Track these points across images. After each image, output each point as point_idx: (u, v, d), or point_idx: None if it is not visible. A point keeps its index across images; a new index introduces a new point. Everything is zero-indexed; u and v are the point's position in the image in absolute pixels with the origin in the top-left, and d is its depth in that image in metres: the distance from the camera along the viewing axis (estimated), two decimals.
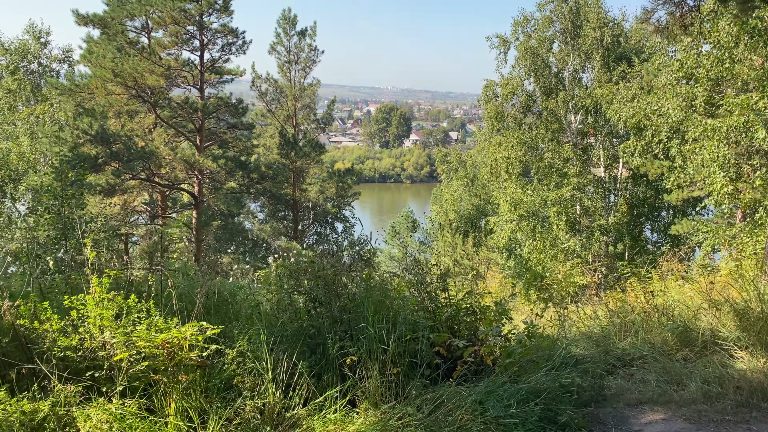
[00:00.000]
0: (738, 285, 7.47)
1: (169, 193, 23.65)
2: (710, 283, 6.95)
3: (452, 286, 8.44)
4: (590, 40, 26.63)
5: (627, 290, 12.97)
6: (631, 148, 18.26)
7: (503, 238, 27.59)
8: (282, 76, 27.18)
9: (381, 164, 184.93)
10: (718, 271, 10.37)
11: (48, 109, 25.19)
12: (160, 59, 18.63)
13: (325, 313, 5.23)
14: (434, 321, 5.95)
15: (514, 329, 6.69)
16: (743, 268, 9.84)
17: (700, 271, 12.12)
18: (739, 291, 7.19)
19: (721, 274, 9.73)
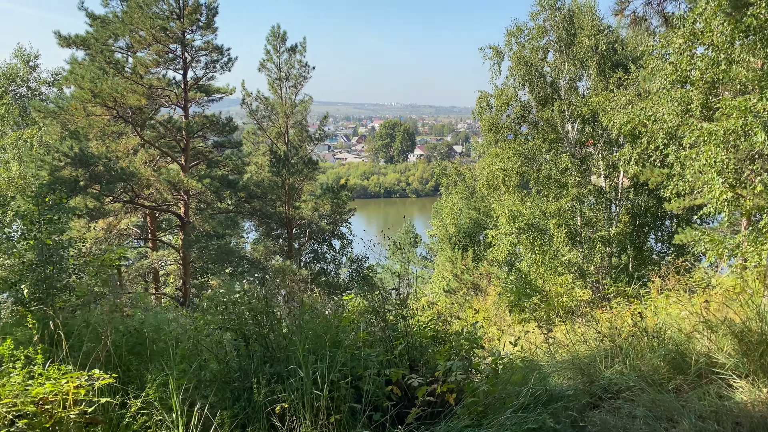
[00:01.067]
0: (736, 303, 6.80)
1: (159, 215, 23.12)
2: (705, 301, 6.28)
3: (423, 310, 7.76)
4: (585, 47, 26.10)
5: (616, 309, 12.28)
6: (627, 155, 17.61)
7: (502, 252, 26.89)
8: (273, 93, 26.78)
9: (386, 179, 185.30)
10: (716, 287, 9.68)
11: (36, 133, 24.81)
12: (142, 78, 18.19)
13: (254, 352, 4.59)
14: (391, 355, 5.30)
15: (496, 355, 5.99)
16: (745, 283, 9.14)
17: (698, 285, 11.42)
18: (737, 310, 6.52)
19: (718, 290, 9.05)
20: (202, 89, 21.70)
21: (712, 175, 11.19)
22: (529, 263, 24.21)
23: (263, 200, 22.07)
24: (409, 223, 48.58)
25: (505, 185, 27.20)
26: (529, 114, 27.52)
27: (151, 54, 18.90)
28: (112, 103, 17.25)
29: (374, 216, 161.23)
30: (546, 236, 26.40)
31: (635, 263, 29.04)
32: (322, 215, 29.48)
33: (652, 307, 7.97)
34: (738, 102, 11.73)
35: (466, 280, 31.29)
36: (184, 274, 20.30)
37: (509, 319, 13.81)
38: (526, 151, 26.84)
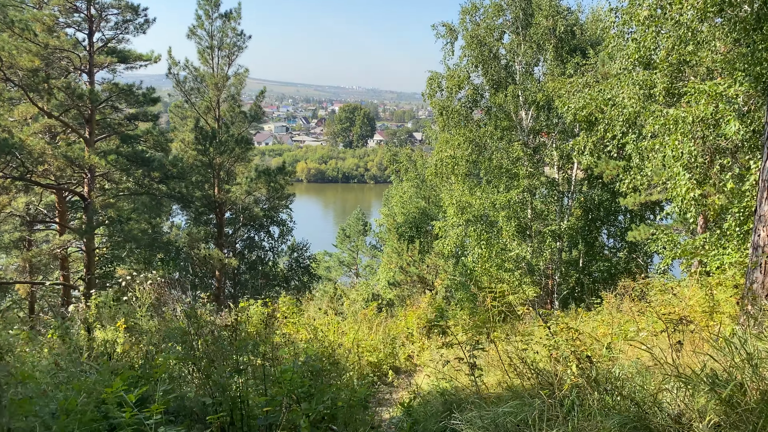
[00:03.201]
0: (711, 338, 5.08)
1: (67, 195, 20.52)
2: (677, 343, 4.51)
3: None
4: (542, 29, 24.42)
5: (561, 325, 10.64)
6: (581, 144, 15.96)
7: (449, 245, 25.22)
8: (203, 63, 24.27)
9: (344, 164, 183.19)
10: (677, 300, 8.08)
11: None
12: (36, 36, 15.62)
13: None
14: None
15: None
16: (711, 296, 7.51)
17: (659, 298, 9.82)
18: (715, 347, 4.81)
19: (680, 305, 7.42)
20: (115, 54, 19.12)
21: (678, 170, 9.53)
22: (475, 257, 22.57)
23: (184, 181, 19.71)
24: (359, 210, 46.60)
25: (455, 174, 25.46)
26: (481, 98, 25.79)
27: (51, 8, 16.30)
28: None
29: (331, 201, 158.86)
30: (494, 229, 24.83)
31: (586, 259, 27.84)
32: (259, 200, 27.24)
33: (603, 334, 6.23)
34: (708, 86, 10.10)
35: (412, 273, 29.57)
36: (87, 263, 17.90)
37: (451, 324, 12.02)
38: (477, 138, 25.13)
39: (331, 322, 10.03)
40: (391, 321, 12.43)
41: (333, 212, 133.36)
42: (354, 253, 45.23)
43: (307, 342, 8.80)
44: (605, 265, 27.58)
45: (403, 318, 12.66)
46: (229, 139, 23.35)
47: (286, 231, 30.20)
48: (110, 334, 7.18)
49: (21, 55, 15.64)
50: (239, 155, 24.29)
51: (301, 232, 45.59)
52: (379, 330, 10.76)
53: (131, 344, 6.74)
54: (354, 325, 10.99)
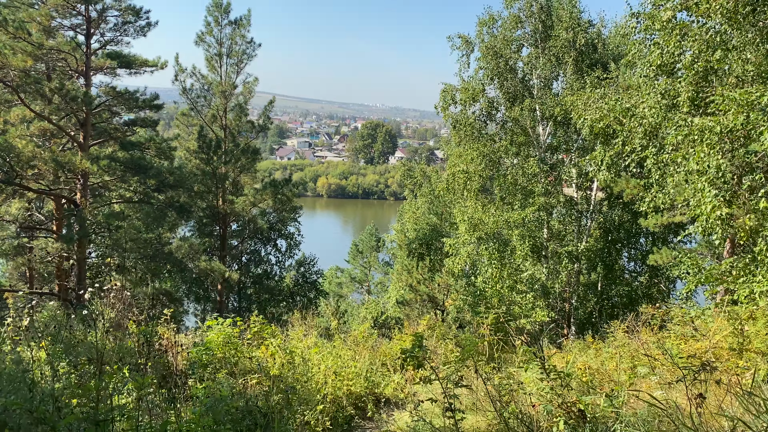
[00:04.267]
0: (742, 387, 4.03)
1: (64, 202, 19.90)
2: (698, 396, 3.49)
3: None
4: (562, 42, 23.43)
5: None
6: (598, 159, 14.84)
7: (459, 263, 24.13)
8: (211, 70, 23.69)
9: (365, 180, 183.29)
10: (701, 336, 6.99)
11: None
12: (30, 35, 15.07)
13: None
14: None
15: None
16: (746, 338, 6.40)
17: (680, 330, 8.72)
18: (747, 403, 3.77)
19: (706, 343, 6.33)
20: (119, 58, 18.55)
21: (703, 185, 8.44)
22: (486, 277, 21.45)
23: (182, 190, 18.98)
24: (372, 225, 45.69)
25: (467, 189, 24.43)
26: (497, 112, 24.79)
27: (47, 9, 15.78)
28: None
29: (350, 217, 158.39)
30: (508, 248, 23.68)
31: (605, 282, 26.52)
32: (265, 212, 26.47)
33: (610, 372, 5.20)
34: (738, 94, 9.01)
35: (421, 292, 28.47)
36: (78, 272, 17.19)
37: (441, 353, 10.96)
38: (492, 153, 24.11)
39: (309, 345, 9.07)
40: (386, 343, 11.41)
41: (352, 227, 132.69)
42: (366, 269, 44.24)
43: (281, 366, 7.85)
44: (625, 289, 26.25)
45: (398, 341, 11.64)
46: (234, 148, 22.64)
47: (294, 245, 29.38)
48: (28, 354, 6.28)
49: (15, 55, 15.09)
50: (245, 166, 23.58)
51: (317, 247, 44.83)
52: (366, 354, 9.76)
53: None
54: (343, 348, 10.02)
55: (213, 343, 7.46)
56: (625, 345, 10.92)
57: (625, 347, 10.53)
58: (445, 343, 11.31)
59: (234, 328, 7.98)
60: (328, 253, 59.86)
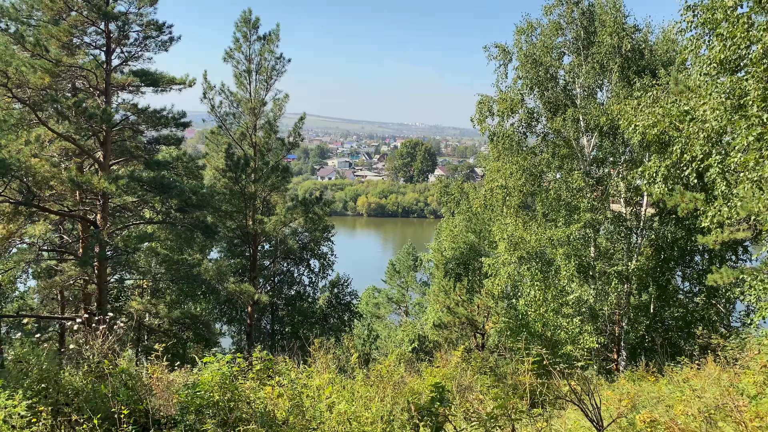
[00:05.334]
0: None
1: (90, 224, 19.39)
2: None
3: None
4: (606, 48, 22.04)
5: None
6: (652, 170, 13.36)
7: (498, 284, 22.73)
8: (239, 87, 23.11)
9: (404, 199, 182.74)
10: None
11: None
12: (48, 52, 14.62)
13: None
14: None
15: None
16: None
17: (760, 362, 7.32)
18: None
19: None
20: (143, 75, 18.04)
21: None
22: (528, 300, 20.00)
23: (207, 210, 18.25)
24: (409, 244, 44.49)
25: (506, 205, 23.11)
26: (537, 123, 23.46)
27: (66, 25, 15.35)
28: (2, 78, 13.70)
29: (390, 236, 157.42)
30: (551, 268, 22.17)
31: (658, 304, 24.68)
32: (296, 232, 25.63)
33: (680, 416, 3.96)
34: None
35: (460, 314, 27.08)
36: (99, 296, 16.55)
37: (476, 390, 9.71)
38: (532, 167, 22.76)
39: (324, 383, 7.95)
40: (413, 379, 10.22)
41: (392, 246, 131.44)
42: (404, 289, 42.99)
43: (288, 410, 6.76)
44: (680, 311, 24.39)
45: (427, 374, 10.45)
46: (263, 166, 21.91)
47: (327, 265, 28.44)
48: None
49: (35, 72, 14.65)
50: (275, 184, 22.80)
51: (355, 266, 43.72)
52: (390, 392, 8.59)
53: None
54: (364, 385, 8.88)
55: (206, 385, 6.42)
56: (690, 380, 9.47)
57: (689, 382, 9.09)
58: (480, 379, 10.06)
59: (233, 366, 6.93)
60: (367, 272, 58.88)
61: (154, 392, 6.43)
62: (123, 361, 7.05)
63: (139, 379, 6.42)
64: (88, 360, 6.46)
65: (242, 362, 7.14)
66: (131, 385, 6.10)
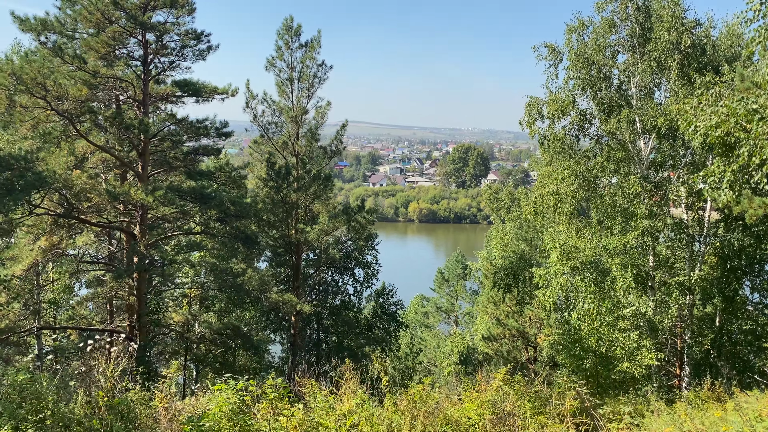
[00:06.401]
0: None
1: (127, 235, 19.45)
2: None
3: None
4: (663, 44, 20.71)
5: None
6: (717, 175, 12.16)
7: (550, 296, 21.62)
8: (281, 95, 22.88)
9: (456, 204, 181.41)
10: None
11: None
12: (85, 63, 14.62)
13: None
14: None
15: None
16: None
17: None
18: None
19: None
20: (185, 86, 17.96)
21: None
22: (581, 313, 18.85)
23: (248, 220, 17.98)
24: (458, 252, 43.52)
25: (558, 212, 21.99)
26: (590, 125, 22.27)
27: (106, 37, 15.34)
28: (41, 91, 13.75)
29: (443, 242, 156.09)
30: (607, 279, 20.92)
31: (724, 316, 23.02)
32: (339, 241, 25.20)
33: None
34: None
35: (510, 326, 26.04)
36: (138, 307, 16.46)
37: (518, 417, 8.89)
38: (585, 172, 21.59)
39: (348, 411, 7.31)
40: (451, 404, 9.47)
41: (444, 252, 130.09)
42: (453, 298, 42.03)
43: None
44: (749, 324, 22.69)
45: (467, 399, 9.68)
46: (305, 175, 21.57)
47: (372, 274, 27.91)
48: None
49: (75, 84, 14.68)
50: (317, 193, 22.42)
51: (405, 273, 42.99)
52: (420, 423, 7.88)
53: None
54: (394, 412, 8.21)
55: (213, 417, 5.89)
56: (764, 417, 8.38)
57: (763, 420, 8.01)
58: (523, 405, 9.21)
59: (245, 394, 6.37)
60: (418, 280, 58.09)
61: (158, 424, 5.95)
62: (133, 386, 6.61)
63: (143, 410, 5.96)
64: (91, 387, 6.03)
65: (254, 389, 6.58)
66: (131, 417, 5.64)
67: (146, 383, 8.44)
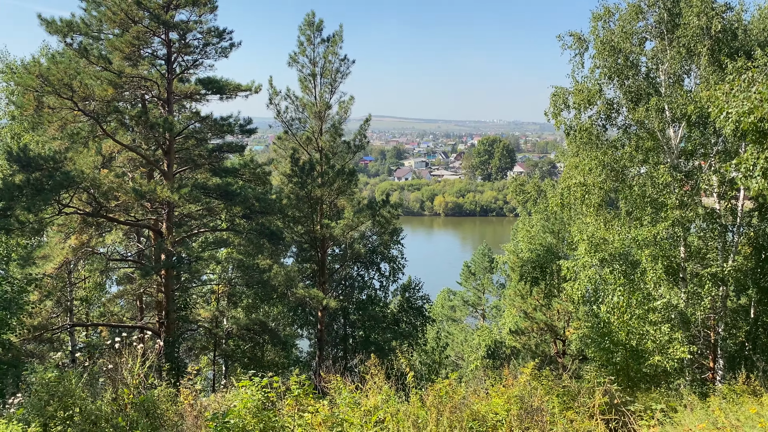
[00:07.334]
0: None
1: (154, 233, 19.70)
2: None
3: None
4: (693, 30, 20.19)
5: None
6: (750, 163, 11.80)
7: (579, 289, 21.30)
8: (304, 91, 22.91)
9: (482, 197, 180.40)
10: None
11: None
12: (110, 63, 14.79)
13: None
14: None
15: None
16: None
17: None
18: None
19: None
20: (209, 84, 18.08)
21: None
22: (610, 306, 18.53)
23: (274, 216, 18.06)
24: (485, 245, 43.22)
25: (585, 204, 21.65)
26: (617, 115, 21.84)
27: (130, 37, 15.50)
28: (67, 92, 13.96)
29: (469, 235, 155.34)
30: (637, 271, 20.53)
31: (759, 308, 22.43)
32: (365, 235, 25.20)
33: None
34: None
35: (538, 319, 25.77)
36: (166, 303, 16.66)
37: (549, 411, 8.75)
38: (613, 162, 21.19)
39: (373, 407, 7.26)
40: (478, 399, 9.36)
41: (470, 245, 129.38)
42: (480, 291, 41.78)
43: None
44: None
45: (494, 394, 9.55)
46: (329, 170, 21.57)
47: (398, 268, 27.85)
48: None
49: (101, 84, 14.87)
50: (342, 188, 22.42)
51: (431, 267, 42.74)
52: (446, 419, 7.80)
53: None
54: (420, 408, 8.15)
55: (237, 413, 5.89)
56: None
57: None
58: (552, 400, 9.07)
59: (269, 391, 6.37)
60: (444, 274, 57.87)
61: (184, 421, 5.98)
62: (159, 383, 6.65)
63: (168, 407, 5.99)
64: (117, 385, 6.08)
65: (278, 386, 6.57)
66: (158, 414, 5.67)
67: (174, 380, 8.50)
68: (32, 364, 15.10)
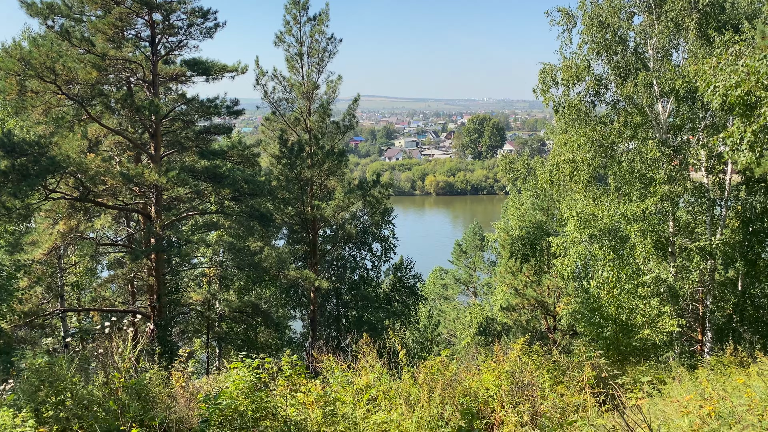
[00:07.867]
0: None
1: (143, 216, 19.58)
2: None
3: None
4: (680, 3, 20.12)
5: None
6: (737, 136, 11.84)
7: (568, 265, 21.44)
8: (291, 71, 22.69)
9: (473, 176, 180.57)
10: None
11: None
12: (93, 46, 14.56)
13: None
14: None
15: None
16: None
17: None
18: None
19: None
20: (194, 65, 17.87)
21: None
22: (600, 282, 18.69)
23: (263, 198, 17.98)
24: (476, 223, 43.35)
25: (574, 180, 21.68)
26: (606, 91, 21.81)
27: (113, 18, 15.24)
28: (50, 75, 13.75)
29: (461, 214, 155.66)
30: (626, 246, 20.67)
31: (746, 281, 22.70)
32: (356, 216, 25.18)
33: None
34: None
35: (528, 296, 25.97)
36: (157, 287, 16.63)
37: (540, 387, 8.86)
38: (602, 138, 21.20)
39: (365, 385, 7.32)
40: (469, 375, 9.45)
41: (461, 224, 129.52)
42: (471, 269, 42.00)
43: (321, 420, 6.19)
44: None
45: (486, 370, 9.64)
46: (318, 151, 21.47)
47: (389, 248, 27.91)
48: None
49: (85, 67, 14.65)
50: (331, 169, 22.33)
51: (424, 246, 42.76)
52: (438, 395, 7.88)
53: None
54: (411, 385, 8.21)
55: (229, 395, 5.91)
56: None
57: None
58: (542, 375, 9.18)
59: (261, 372, 6.39)
60: (436, 253, 58.07)
61: (176, 403, 5.99)
62: (151, 366, 6.66)
63: (160, 390, 6.01)
64: (108, 369, 6.08)
65: (270, 367, 6.60)
66: (150, 397, 5.69)
67: (166, 363, 8.51)
68: (24, 350, 15.09)
